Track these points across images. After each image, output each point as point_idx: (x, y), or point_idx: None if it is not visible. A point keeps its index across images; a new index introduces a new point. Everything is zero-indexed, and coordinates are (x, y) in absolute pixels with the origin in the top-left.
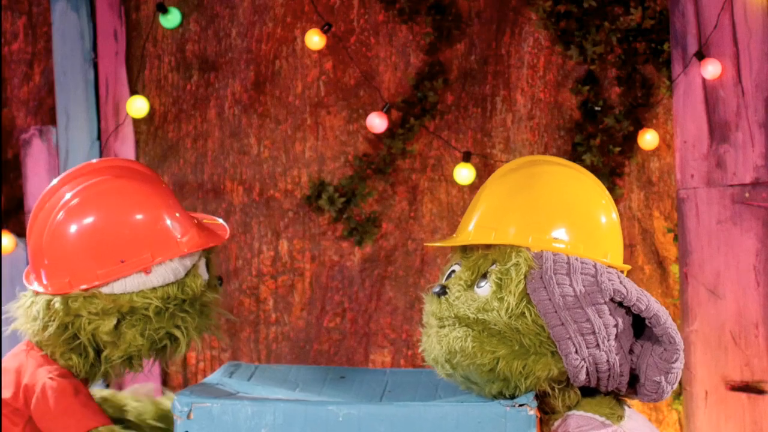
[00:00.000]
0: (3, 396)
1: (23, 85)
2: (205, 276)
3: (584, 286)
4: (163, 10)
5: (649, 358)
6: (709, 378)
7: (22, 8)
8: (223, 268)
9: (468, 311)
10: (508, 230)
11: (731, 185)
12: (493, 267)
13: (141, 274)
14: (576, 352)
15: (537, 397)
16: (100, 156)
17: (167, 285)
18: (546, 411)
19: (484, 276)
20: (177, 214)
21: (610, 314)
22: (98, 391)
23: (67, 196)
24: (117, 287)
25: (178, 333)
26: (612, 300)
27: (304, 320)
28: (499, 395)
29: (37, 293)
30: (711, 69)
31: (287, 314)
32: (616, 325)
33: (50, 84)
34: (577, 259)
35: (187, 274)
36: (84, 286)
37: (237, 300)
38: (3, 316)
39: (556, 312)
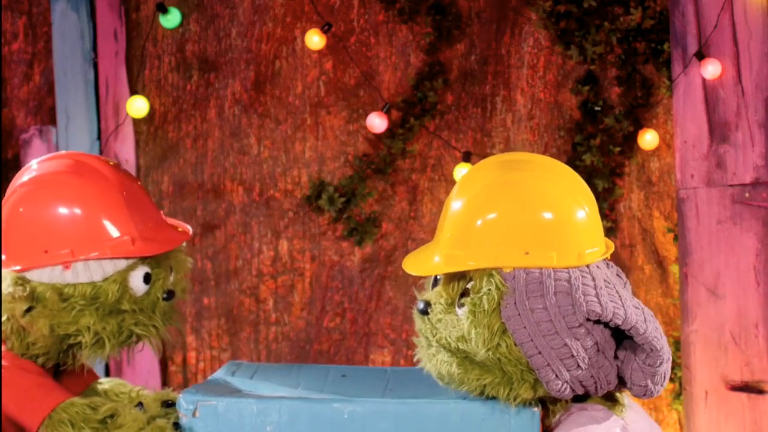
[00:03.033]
0: None
1: (23, 85)
2: (140, 286)
3: (558, 307)
4: (163, 10)
5: (633, 364)
6: (709, 378)
7: (22, 8)
8: (223, 268)
9: (450, 338)
10: (477, 252)
11: (731, 185)
12: (470, 284)
13: (60, 267)
14: (557, 377)
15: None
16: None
17: (81, 284)
18: (547, 407)
19: (464, 294)
20: (121, 218)
21: (588, 334)
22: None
23: (24, 178)
24: (35, 275)
25: (84, 332)
26: (588, 319)
27: (304, 320)
28: None
29: None
30: (711, 69)
31: (287, 314)
32: (596, 343)
33: (50, 84)
34: (550, 275)
35: (106, 279)
36: (13, 268)
37: (237, 300)
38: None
39: (532, 341)
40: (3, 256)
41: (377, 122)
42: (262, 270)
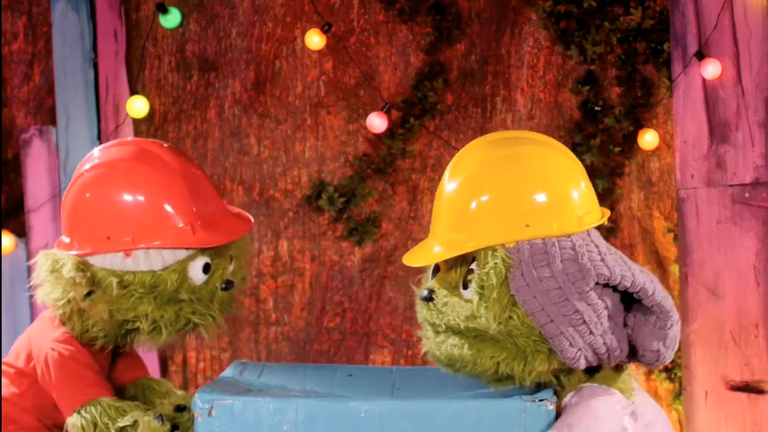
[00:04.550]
0: (11, 359)
1: (23, 85)
2: (199, 276)
3: (567, 274)
4: (163, 10)
5: (643, 329)
6: (709, 378)
7: (22, 8)
8: None
9: (458, 320)
10: (477, 232)
11: (731, 185)
12: (473, 265)
13: (121, 254)
14: (571, 345)
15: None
16: None
17: (141, 272)
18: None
19: (468, 273)
20: (184, 207)
21: (598, 298)
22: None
23: (87, 165)
24: (97, 260)
25: (142, 319)
26: (597, 283)
27: (304, 320)
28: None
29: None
30: (711, 69)
31: (287, 314)
32: (606, 307)
33: (50, 84)
34: (554, 244)
35: (166, 268)
36: (75, 252)
37: (237, 300)
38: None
39: (543, 309)
40: (66, 239)
41: (377, 122)
42: (262, 270)
